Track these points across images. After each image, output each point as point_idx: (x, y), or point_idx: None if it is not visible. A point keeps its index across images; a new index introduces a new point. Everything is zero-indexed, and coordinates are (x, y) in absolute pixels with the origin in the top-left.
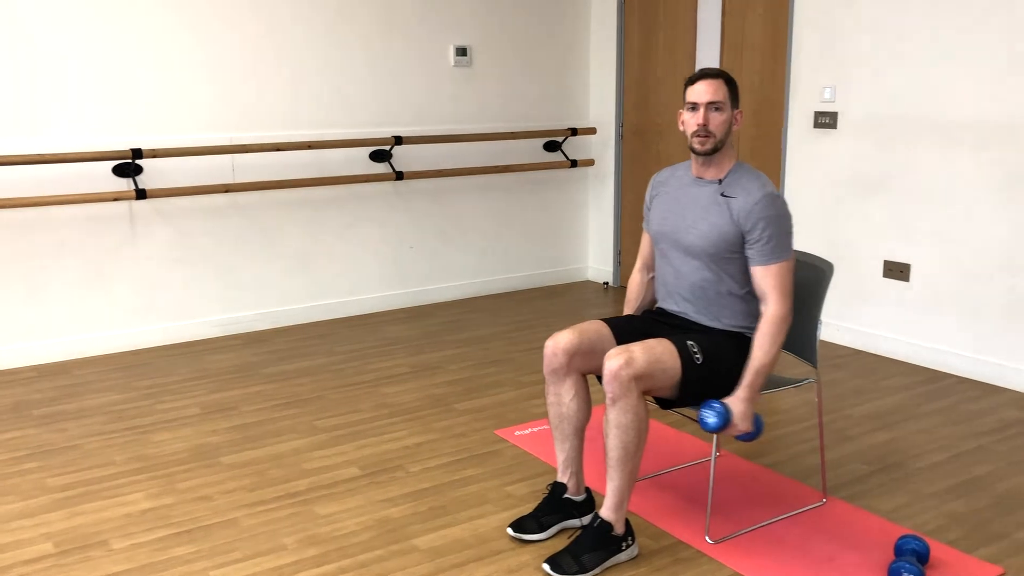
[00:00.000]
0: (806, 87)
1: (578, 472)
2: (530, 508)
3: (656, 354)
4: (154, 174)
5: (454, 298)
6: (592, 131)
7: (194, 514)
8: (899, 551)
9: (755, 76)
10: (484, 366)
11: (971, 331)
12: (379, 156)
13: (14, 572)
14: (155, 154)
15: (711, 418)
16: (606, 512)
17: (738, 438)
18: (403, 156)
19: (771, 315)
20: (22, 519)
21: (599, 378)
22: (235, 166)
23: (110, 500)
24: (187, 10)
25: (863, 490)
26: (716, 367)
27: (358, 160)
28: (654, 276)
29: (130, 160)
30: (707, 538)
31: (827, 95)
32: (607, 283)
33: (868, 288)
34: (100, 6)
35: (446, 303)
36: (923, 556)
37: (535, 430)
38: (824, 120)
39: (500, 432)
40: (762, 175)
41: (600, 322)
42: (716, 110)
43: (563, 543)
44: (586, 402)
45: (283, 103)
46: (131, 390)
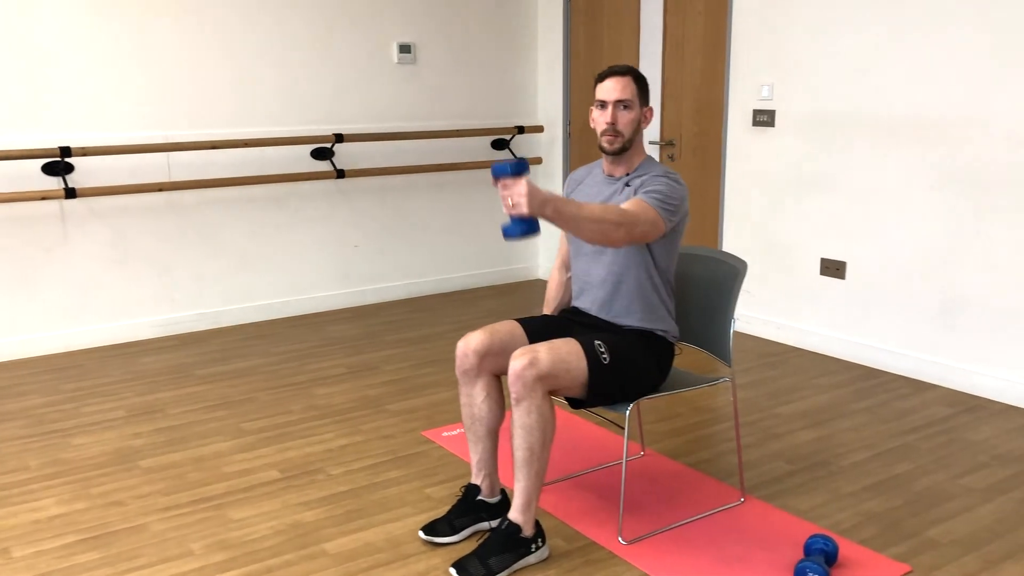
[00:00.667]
0: (745, 85)
1: (492, 474)
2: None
3: (561, 354)
4: (86, 173)
5: (400, 297)
6: (539, 129)
7: (104, 520)
8: (808, 551)
9: (696, 74)
10: (422, 366)
11: (904, 329)
12: (321, 154)
13: None
14: (85, 152)
15: (502, 161)
16: (514, 514)
17: (505, 229)
18: (346, 154)
19: (620, 207)
20: None
21: None
22: (171, 164)
23: (18, 507)
24: (117, 1)
25: (782, 489)
26: (624, 367)
27: (299, 158)
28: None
29: (59, 158)
30: (620, 539)
31: (765, 93)
32: None
33: (805, 286)
34: None
35: (391, 303)
36: (831, 555)
37: (463, 431)
38: (762, 118)
39: (427, 433)
40: (668, 168)
41: (513, 322)
42: (624, 108)
43: (474, 546)
44: (499, 403)
45: (221, 100)
46: (57, 393)
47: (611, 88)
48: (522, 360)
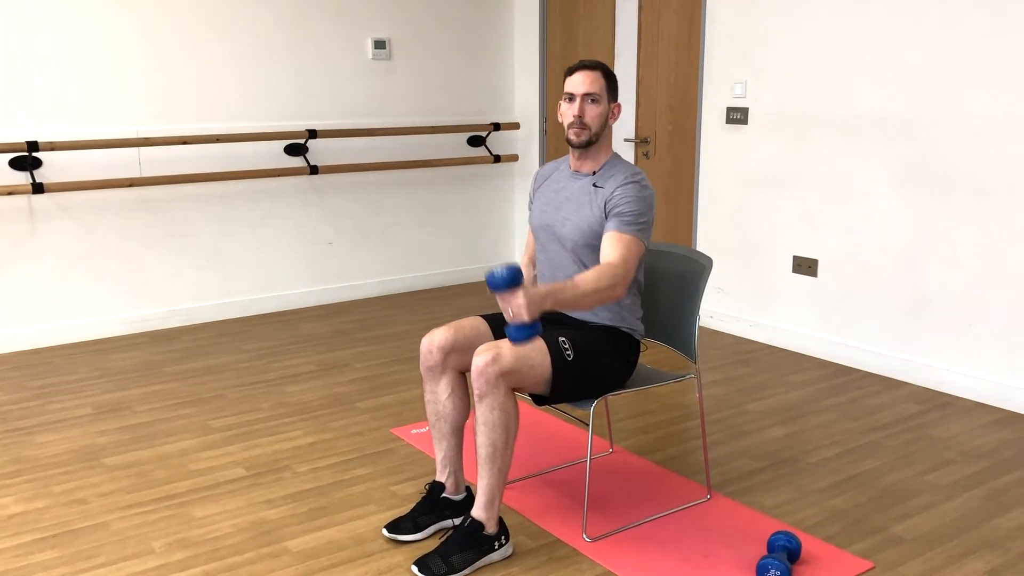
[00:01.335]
0: (718, 83)
1: (457, 471)
2: None
3: (524, 350)
4: (55, 168)
5: (373, 295)
6: (515, 126)
7: (65, 518)
8: (771, 547)
9: (671, 71)
10: (392, 364)
11: (875, 326)
12: (294, 150)
13: None
14: (53, 147)
15: (499, 269)
16: (477, 511)
17: (508, 332)
18: (320, 150)
19: (607, 263)
20: None
21: None
22: (142, 160)
23: None
24: None
25: (749, 486)
26: (588, 363)
27: (272, 154)
28: None
29: (26, 153)
30: (584, 536)
31: (738, 91)
32: None
33: (778, 283)
34: None
35: (364, 300)
36: (794, 552)
37: None
38: (736, 116)
39: (396, 431)
40: (635, 168)
41: (478, 318)
42: (592, 102)
43: (438, 544)
44: (463, 400)
45: (193, 95)
46: (22, 390)
47: (580, 81)
48: (485, 356)
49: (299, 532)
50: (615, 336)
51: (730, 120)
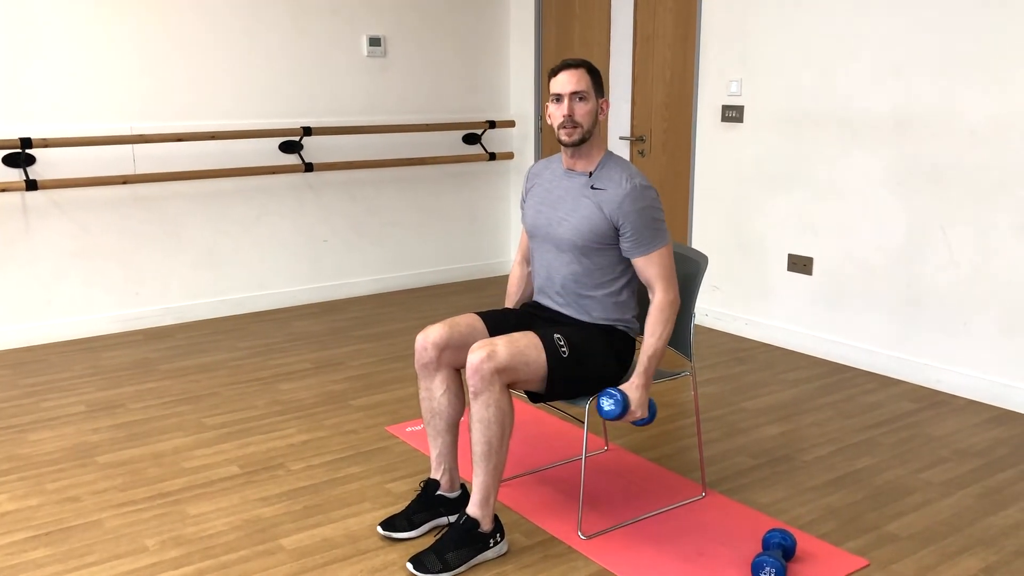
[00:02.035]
0: (714, 81)
1: (452, 468)
2: None
3: (520, 347)
4: (48, 165)
5: (368, 293)
6: (511, 124)
7: (58, 516)
8: (766, 545)
9: (666, 69)
10: (388, 362)
11: (870, 324)
12: (289, 147)
13: None
14: (46, 143)
15: (609, 405)
16: (472, 509)
17: (634, 423)
18: (315, 148)
19: (658, 302)
20: None
21: None
22: (136, 157)
23: None
24: None
25: (744, 484)
26: (583, 361)
27: (266, 151)
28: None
29: (19, 150)
30: (579, 534)
31: (733, 89)
32: None
33: (773, 282)
34: None
35: (360, 298)
36: (789, 550)
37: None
38: (731, 114)
39: (391, 428)
40: (630, 166)
41: (474, 315)
42: (580, 100)
43: (432, 541)
44: (458, 397)
45: (187, 92)
46: (15, 388)
47: (566, 81)
48: (480, 353)
49: (293, 530)
50: (610, 334)
51: (725, 118)
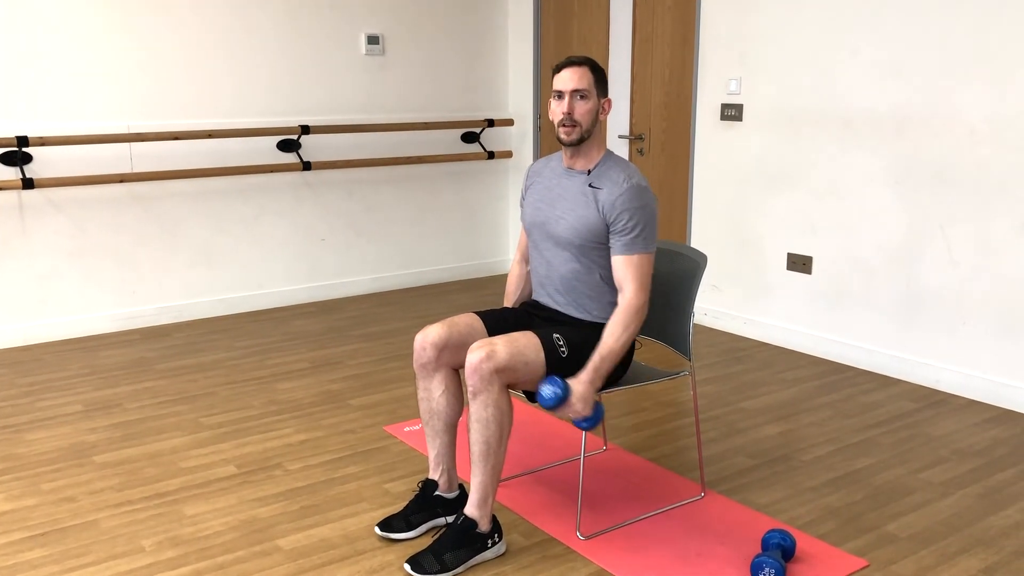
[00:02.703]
0: (713, 79)
1: (450, 469)
2: None
3: (519, 347)
4: (45, 163)
5: (367, 292)
6: (510, 122)
7: (54, 516)
8: (765, 545)
9: (665, 68)
10: (386, 361)
11: (869, 323)
12: (287, 146)
13: None
14: (43, 142)
15: (548, 392)
16: (470, 509)
17: (576, 423)
18: (313, 146)
19: (627, 304)
20: None
21: None
22: (133, 155)
23: None
24: None
25: (743, 484)
26: (582, 360)
27: (264, 150)
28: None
29: (15, 148)
30: (578, 534)
31: (733, 87)
32: None
33: (773, 281)
34: None
35: (358, 297)
36: (788, 550)
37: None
38: (730, 112)
39: (389, 428)
40: (631, 166)
41: (473, 315)
42: (582, 98)
43: (430, 542)
44: (457, 397)
45: (185, 90)
46: (12, 387)
47: (568, 78)
48: (479, 353)
49: (290, 530)
50: None
51: (725, 117)
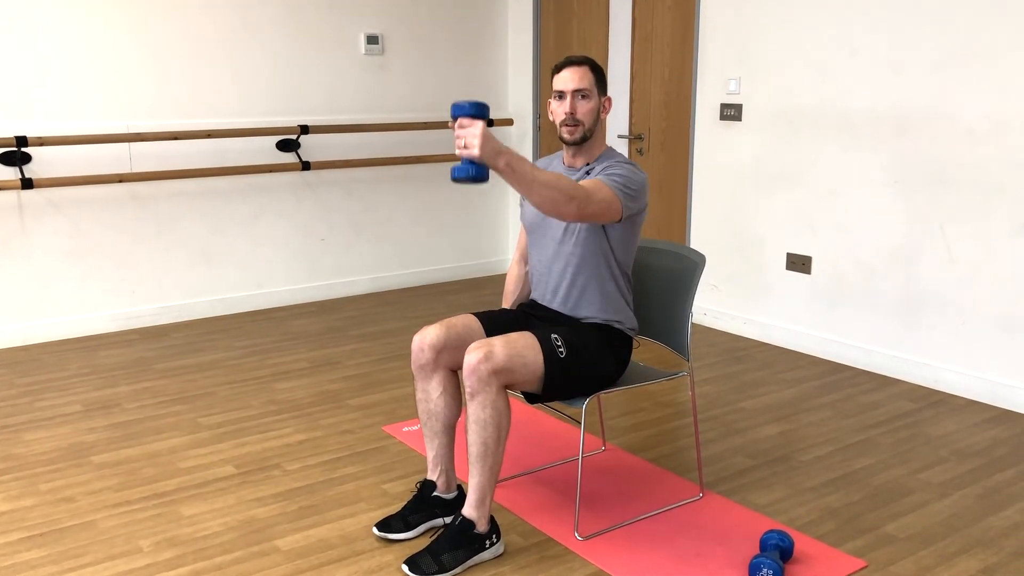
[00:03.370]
0: (712, 79)
1: (448, 469)
2: None
3: (517, 348)
4: (44, 163)
5: (366, 292)
6: (509, 122)
7: (52, 516)
8: (763, 546)
9: (665, 67)
10: (385, 361)
11: (868, 323)
12: (286, 146)
13: None
14: (42, 142)
15: (462, 101)
16: (468, 510)
17: (455, 170)
18: (312, 146)
19: (578, 183)
20: None
21: None
22: (132, 155)
23: None
24: None
25: (742, 484)
26: (580, 360)
27: (263, 150)
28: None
29: (14, 148)
30: (576, 535)
31: (732, 87)
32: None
33: (772, 281)
34: None
35: (357, 297)
36: (787, 551)
37: None
38: (729, 112)
39: (388, 428)
40: (628, 159)
41: (470, 316)
42: (583, 98)
43: (428, 543)
44: (455, 398)
45: (184, 90)
46: (11, 387)
47: (568, 78)
48: (477, 354)
49: (289, 531)
50: (608, 333)
51: (724, 116)
